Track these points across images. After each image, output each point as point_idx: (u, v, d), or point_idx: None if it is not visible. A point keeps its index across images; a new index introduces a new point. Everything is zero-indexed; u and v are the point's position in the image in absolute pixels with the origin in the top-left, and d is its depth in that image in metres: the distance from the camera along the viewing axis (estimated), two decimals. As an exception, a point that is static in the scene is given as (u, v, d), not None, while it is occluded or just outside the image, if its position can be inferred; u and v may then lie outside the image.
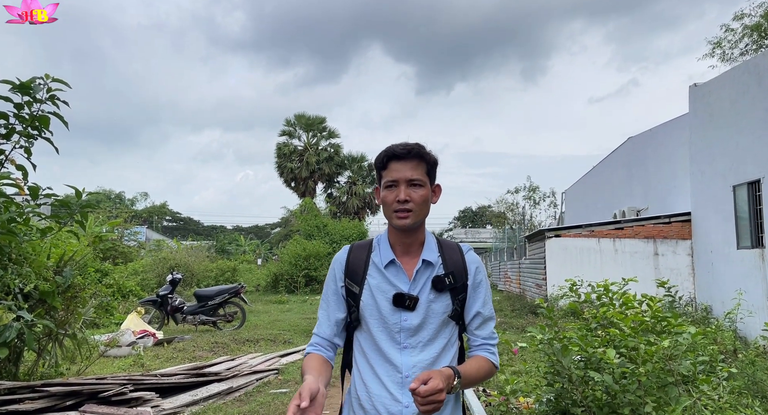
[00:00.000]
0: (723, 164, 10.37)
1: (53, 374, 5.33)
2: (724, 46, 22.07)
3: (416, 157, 1.53)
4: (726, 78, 10.45)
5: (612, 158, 18.20)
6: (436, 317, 1.53)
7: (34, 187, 4.34)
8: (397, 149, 1.53)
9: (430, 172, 1.57)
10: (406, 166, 1.52)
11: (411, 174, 1.51)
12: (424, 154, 1.54)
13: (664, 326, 3.36)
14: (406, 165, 1.52)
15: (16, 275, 4.42)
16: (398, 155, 1.52)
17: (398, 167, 1.52)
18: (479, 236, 48.60)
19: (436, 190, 1.62)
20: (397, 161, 1.52)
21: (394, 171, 1.52)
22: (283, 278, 21.26)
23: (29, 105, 4.33)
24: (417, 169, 1.52)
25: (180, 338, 9.42)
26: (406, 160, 1.52)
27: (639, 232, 12.56)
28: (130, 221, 23.32)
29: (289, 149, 33.58)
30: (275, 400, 5.48)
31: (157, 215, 57.12)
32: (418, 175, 1.52)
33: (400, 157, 1.52)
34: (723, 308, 8.86)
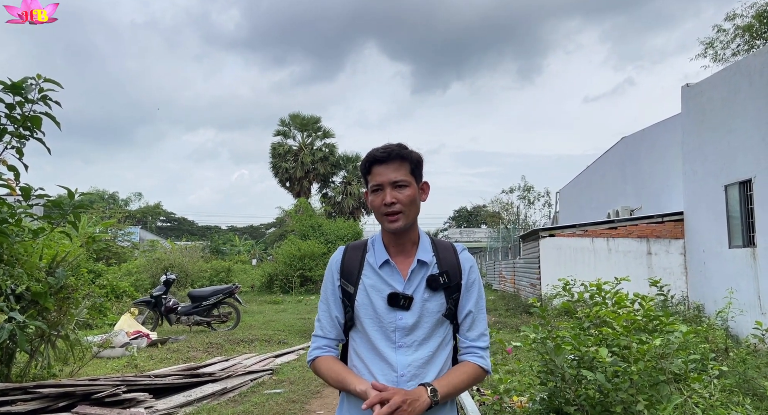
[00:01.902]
0: (715, 164, 10.45)
1: (46, 376, 5.30)
2: (716, 47, 22.20)
3: (397, 159, 1.54)
4: (718, 78, 10.52)
5: (606, 158, 18.28)
6: (430, 317, 1.55)
7: (26, 187, 4.32)
8: (377, 153, 1.55)
9: (415, 171, 1.58)
10: (389, 169, 1.53)
11: (394, 176, 1.53)
12: (405, 155, 1.56)
13: (656, 325, 3.39)
14: (388, 168, 1.53)
15: (8, 276, 4.40)
16: (379, 159, 1.54)
17: (381, 171, 1.54)
18: (474, 235, 48.71)
19: (424, 188, 1.64)
20: (379, 165, 1.54)
21: (378, 175, 1.54)
22: (278, 278, 21.24)
23: (21, 105, 4.30)
24: (399, 170, 1.54)
25: (174, 338, 9.39)
26: (388, 163, 1.54)
27: (632, 231, 12.62)
28: (124, 222, 23.19)
29: (283, 149, 33.54)
30: (269, 400, 5.47)
31: (151, 216, 56.88)
32: (402, 175, 1.53)
33: (381, 160, 1.54)
34: (715, 307, 8.92)
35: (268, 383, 6.36)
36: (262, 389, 6.03)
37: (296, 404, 5.38)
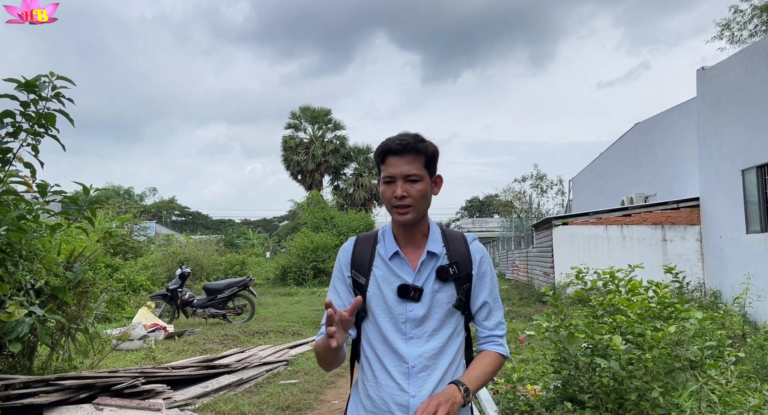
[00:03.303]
0: (731, 148, 10.26)
1: (67, 368, 5.41)
2: (733, 28, 21.71)
3: (412, 152, 1.50)
4: (734, 60, 10.30)
5: (619, 144, 18.05)
6: (440, 307, 1.54)
7: (42, 184, 4.38)
8: (392, 145, 1.51)
9: (429, 165, 1.54)
10: (402, 161, 1.50)
11: (407, 169, 1.49)
12: (421, 148, 1.51)
13: (671, 312, 3.36)
14: (402, 160, 1.50)
15: (27, 271, 4.48)
16: (394, 151, 1.50)
17: (394, 162, 1.50)
18: (487, 225, 48.49)
19: (437, 182, 1.60)
20: (393, 156, 1.51)
21: (391, 166, 1.51)
22: (291, 270, 21.39)
23: (35, 103, 4.35)
24: (414, 163, 1.50)
25: (190, 331, 9.52)
26: (402, 155, 1.50)
27: (647, 218, 12.48)
28: (139, 217, 23.47)
29: (294, 142, 33.61)
30: (285, 391, 5.54)
31: (165, 210, 57.51)
32: (415, 169, 1.50)
33: (396, 152, 1.50)
34: (732, 293, 8.81)
35: (283, 373, 6.43)
36: (277, 379, 6.10)
37: (311, 394, 5.44)
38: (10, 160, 4.42)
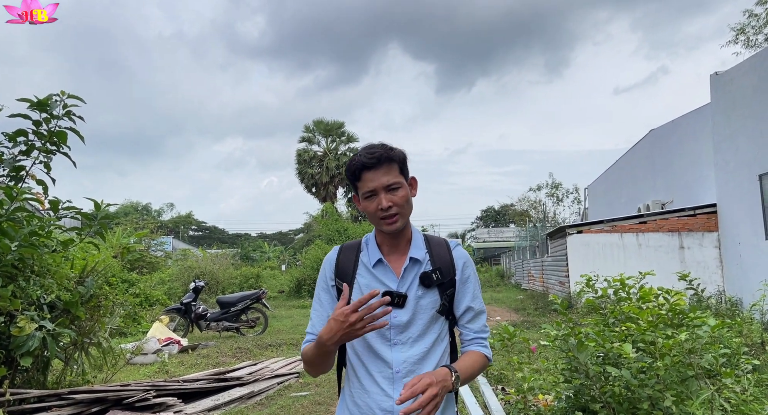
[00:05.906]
0: (748, 154, 10.09)
1: (80, 382, 5.45)
2: (748, 32, 21.48)
3: (386, 162, 1.52)
4: (747, 65, 10.17)
5: (634, 152, 17.86)
6: (424, 313, 1.55)
7: (54, 201, 4.47)
8: (365, 160, 1.51)
9: (403, 170, 1.57)
10: (379, 173, 1.51)
11: (387, 180, 1.51)
12: (393, 156, 1.54)
13: (682, 320, 3.29)
14: (378, 172, 1.51)
15: (39, 286, 4.55)
16: (368, 165, 1.52)
17: (371, 177, 1.52)
18: (502, 235, 48.13)
19: (413, 183, 1.63)
20: (369, 171, 1.52)
21: (369, 181, 1.52)
22: (305, 282, 21.41)
23: (47, 121, 4.46)
24: (390, 172, 1.52)
25: (204, 344, 9.56)
26: (378, 168, 1.51)
27: (663, 225, 12.29)
28: (156, 232, 23.74)
29: (308, 155, 33.90)
30: (295, 403, 5.51)
31: (182, 225, 58.17)
32: (393, 178, 1.52)
33: (371, 166, 1.51)
34: (753, 300, 8.59)
35: (295, 386, 6.41)
36: (288, 392, 6.08)
37: (321, 406, 5.41)
38: (23, 178, 4.53)
